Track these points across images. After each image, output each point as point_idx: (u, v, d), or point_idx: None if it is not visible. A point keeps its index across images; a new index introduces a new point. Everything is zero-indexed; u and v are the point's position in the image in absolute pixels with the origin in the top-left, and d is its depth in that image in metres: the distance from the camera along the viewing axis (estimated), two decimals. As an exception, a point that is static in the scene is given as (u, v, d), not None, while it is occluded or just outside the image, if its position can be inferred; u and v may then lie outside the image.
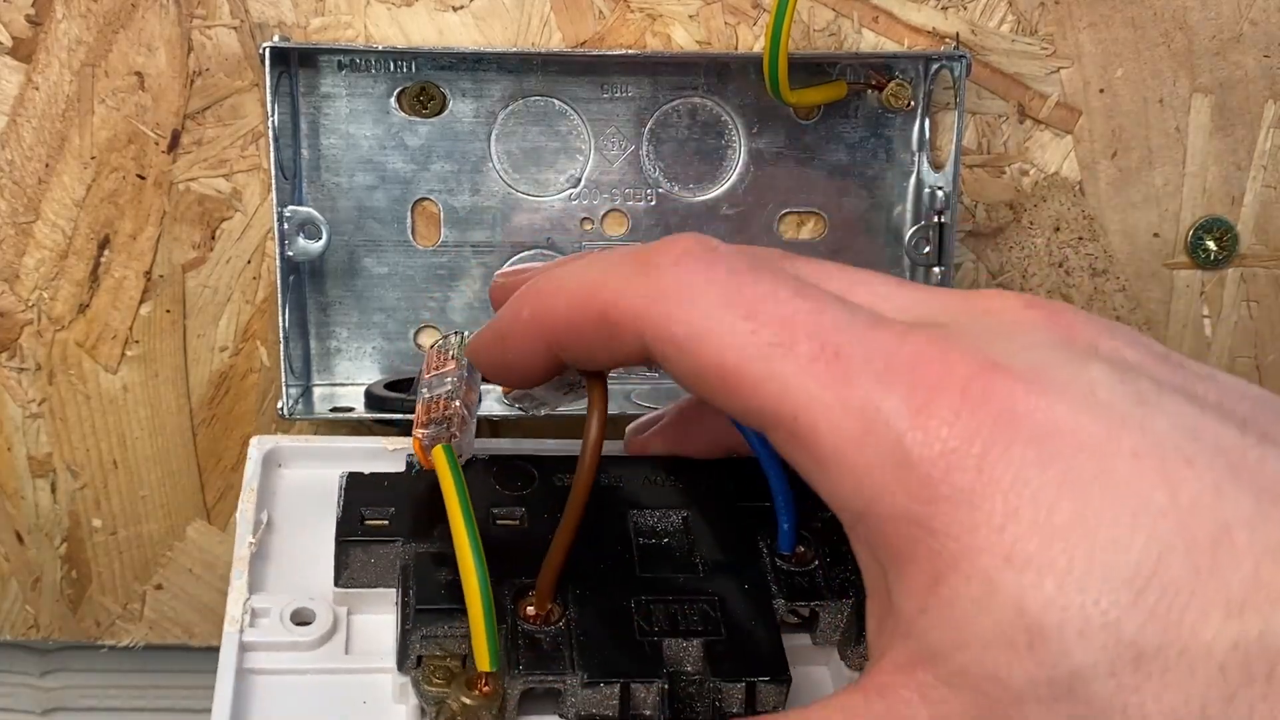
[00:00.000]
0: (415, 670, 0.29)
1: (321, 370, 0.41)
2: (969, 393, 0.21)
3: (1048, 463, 0.20)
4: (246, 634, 0.30)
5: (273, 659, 0.30)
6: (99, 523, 0.43)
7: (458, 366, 0.32)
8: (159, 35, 0.38)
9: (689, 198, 0.41)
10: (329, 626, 0.30)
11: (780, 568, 0.31)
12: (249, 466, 0.34)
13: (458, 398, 0.31)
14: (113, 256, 0.40)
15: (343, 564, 0.31)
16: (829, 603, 0.31)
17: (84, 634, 0.44)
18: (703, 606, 0.30)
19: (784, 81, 0.37)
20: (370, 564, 0.31)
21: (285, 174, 0.39)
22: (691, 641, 0.29)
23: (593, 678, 0.28)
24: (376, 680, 0.30)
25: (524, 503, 0.32)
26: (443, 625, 0.28)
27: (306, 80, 0.39)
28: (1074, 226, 0.43)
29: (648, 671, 0.28)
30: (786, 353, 0.23)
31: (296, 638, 0.30)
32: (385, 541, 0.31)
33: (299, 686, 0.29)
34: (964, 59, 0.39)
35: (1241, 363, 0.44)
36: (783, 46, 0.36)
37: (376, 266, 0.41)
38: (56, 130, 0.39)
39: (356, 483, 0.32)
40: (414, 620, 0.28)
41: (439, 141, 0.40)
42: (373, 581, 0.31)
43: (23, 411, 0.41)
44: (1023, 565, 0.20)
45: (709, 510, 0.33)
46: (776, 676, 0.29)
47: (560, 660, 0.28)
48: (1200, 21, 0.41)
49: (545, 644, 0.28)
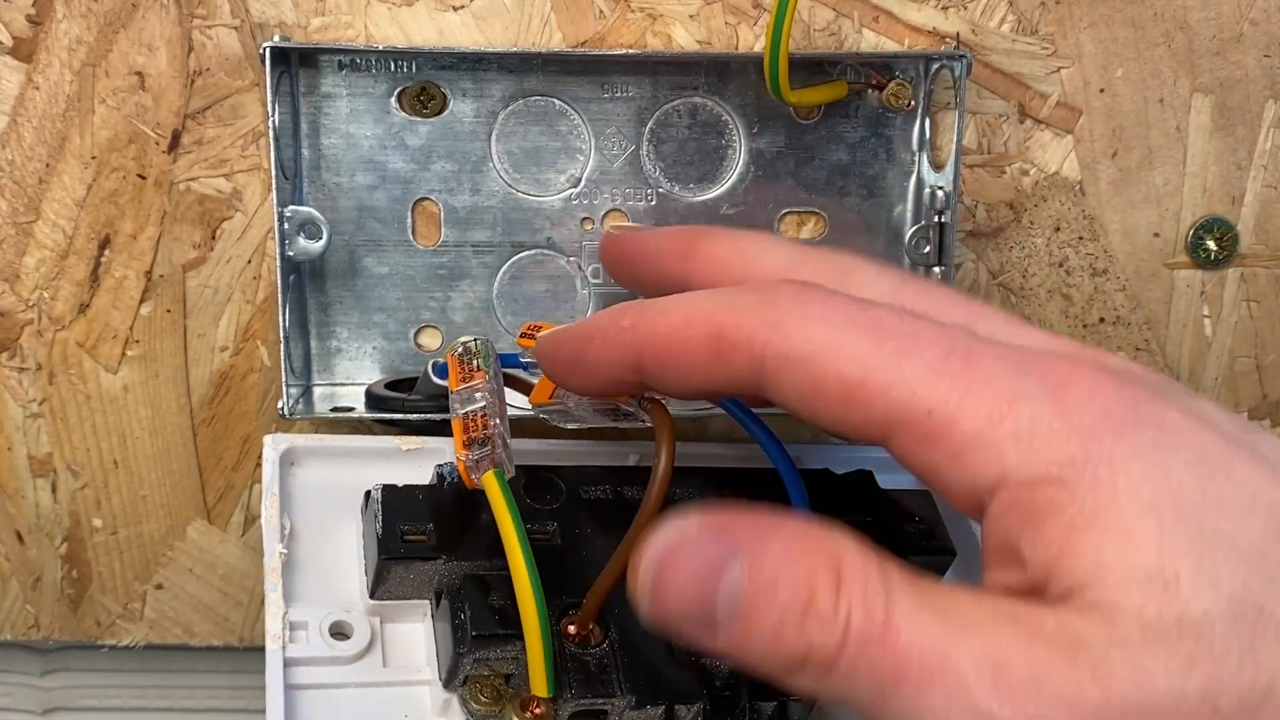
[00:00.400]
0: (462, 688, 0.29)
1: (322, 370, 0.41)
2: (1099, 388, 0.23)
3: (1177, 449, 0.23)
4: (289, 650, 0.30)
5: (314, 674, 0.30)
6: (99, 522, 0.43)
7: (486, 378, 0.32)
8: (159, 35, 0.38)
9: (689, 197, 0.41)
10: (367, 640, 0.30)
11: None
12: (267, 469, 0.33)
13: (493, 414, 0.31)
14: (113, 256, 0.40)
15: (381, 579, 0.31)
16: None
17: (84, 634, 0.44)
18: None
19: (784, 81, 0.37)
20: (408, 579, 0.31)
21: (285, 174, 0.39)
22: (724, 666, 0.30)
23: (642, 699, 0.28)
24: (416, 693, 0.30)
25: (555, 517, 0.32)
26: (496, 649, 0.29)
27: (307, 80, 0.39)
28: (1074, 226, 0.43)
29: (690, 693, 0.29)
30: (915, 356, 0.24)
31: (337, 652, 0.30)
32: (427, 559, 0.31)
33: (342, 700, 0.30)
34: (964, 59, 0.39)
35: (1241, 362, 0.44)
36: (783, 46, 0.36)
37: (377, 266, 0.41)
38: (57, 130, 0.39)
39: (392, 497, 0.32)
40: (470, 645, 0.29)
41: (439, 141, 0.40)
42: (408, 594, 0.31)
43: (23, 411, 0.41)
44: (1160, 521, 0.22)
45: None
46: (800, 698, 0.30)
47: (608, 683, 0.29)
48: (1200, 21, 0.41)
49: (593, 666, 0.29)
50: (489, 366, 0.32)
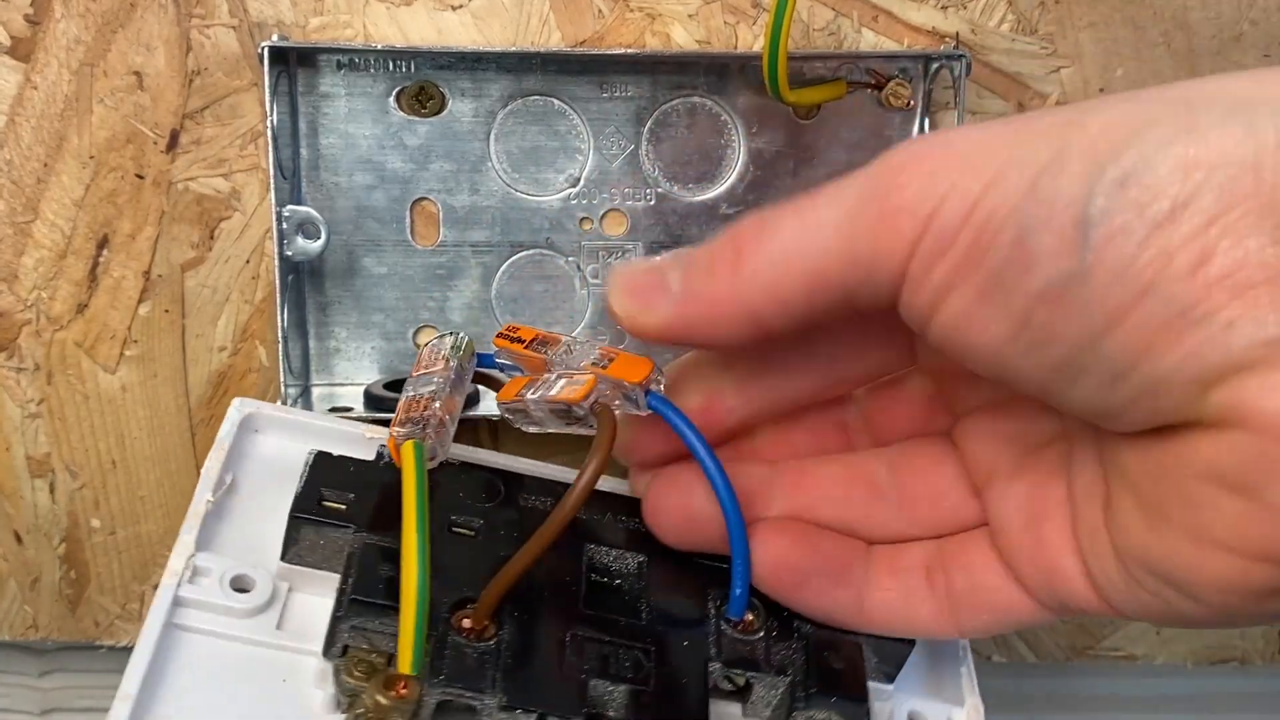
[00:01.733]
0: (339, 659, 0.28)
1: (320, 370, 0.41)
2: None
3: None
4: (184, 589, 0.30)
5: (205, 619, 0.30)
6: (98, 523, 0.43)
7: (446, 368, 0.32)
8: (158, 35, 0.38)
9: (688, 197, 0.41)
10: (267, 598, 0.30)
11: (725, 631, 0.31)
12: (224, 425, 0.34)
13: (439, 400, 0.31)
14: (111, 256, 0.40)
15: (292, 539, 0.31)
16: (766, 676, 0.31)
17: (83, 634, 0.44)
18: (637, 654, 0.30)
19: (784, 81, 0.37)
20: (320, 545, 0.31)
21: (284, 173, 0.39)
22: (619, 686, 0.29)
23: (511, 702, 0.28)
24: (302, 661, 0.30)
25: (484, 515, 0.32)
26: (375, 620, 0.28)
27: (305, 80, 0.39)
28: (1074, 226, 0.42)
29: (567, 708, 0.28)
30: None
31: (233, 603, 0.30)
32: (338, 526, 0.31)
33: (224, 652, 0.29)
34: (964, 58, 0.39)
35: (1242, 363, 0.44)
36: (782, 46, 0.36)
37: (375, 266, 0.41)
38: (55, 130, 0.39)
39: (322, 462, 0.32)
40: (347, 608, 0.28)
41: (438, 141, 0.40)
42: (319, 563, 0.31)
43: (21, 411, 0.41)
44: None
45: (667, 559, 0.32)
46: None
47: (483, 679, 0.28)
48: (1200, 21, 0.41)
49: (471, 660, 0.28)
50: (455, 360, 0.32)
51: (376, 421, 0.39)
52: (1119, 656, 0.48)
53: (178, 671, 0.28)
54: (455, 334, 0.33)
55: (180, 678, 0.28)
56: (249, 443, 0.34)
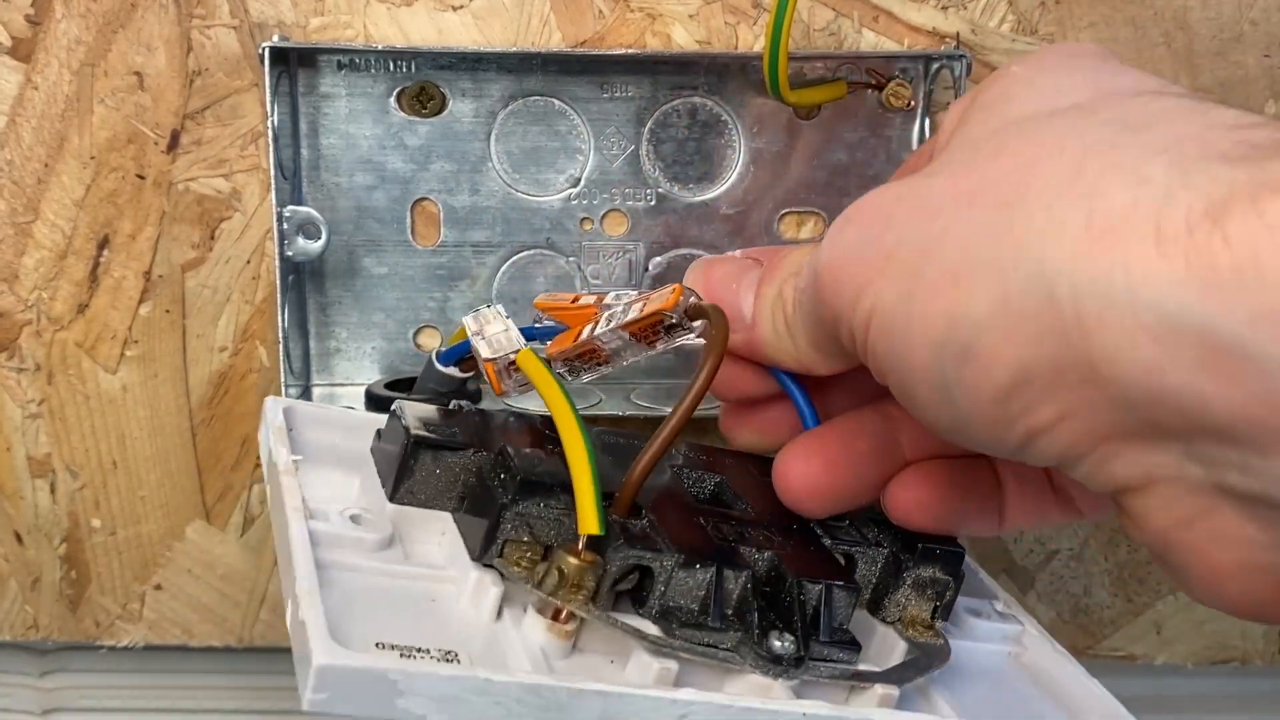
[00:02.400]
0: (499, 558, 0.28)
1: (321, 370, 0.41)
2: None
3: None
4: (311, 523, 0.28)
5: (338, 554, 0.28)
6: (98, 523, 0.43)
7: (502, 324, 0.32)
8: (158, 35, 0.38)
9: (689, 197, 0.41)
10: (388, 532, 0.29)
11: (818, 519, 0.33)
12: (268, 417, 0.33)
13: (512, 331, 0.32)
14: (112, 256, 0.40)
15: (407, 471, 0.30)
16: (866, 550, 0.32)
17: (83, 634, 0.44)
18: (764, 531, 0.31)
19: (784, 81, 0.37)
20: (435, 476, 0.31)
21: (285, 174, 0.39)
22: (763, 553, 0.30)
23: (689, 560, 0.28)
24: (442, 588, 0.29)
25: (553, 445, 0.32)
26: (539, 503, 0.28)
27: (306, 80, 0.39)
28: (1074, 226, 0.42)
29: (736, 562, 0.29)
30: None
31: (360, 534, 0.29)
32: (458, 449, 0.31)
33: (367, 583, 0.28)
34: (964, 59, 0.39)
35: (1242, 363, 0.44)
36: (783, 47, 0.36)
37: (376, 266, 0.41)
38: (56, 130, 0.39)
39: (415, 405, 0.32)
40: (516, 492, 0.28)
41: (439, 141, 0.40)
42: (428, 500, 0.31)
43: (22, 412, 0.41)
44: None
45: (741, 474, 0.34)
46: (848, 584, 0.30)
47: (655, 541, 0.28)
48: (1201, 21, 0.41)
49: (636, 531, 0.29)
50: (504, 319, 0.33)
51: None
52: (1119, 656, 0.48)
53: (334, 603, 0.27)
54: (489, 304, 0.34)
55: (338, 608, 0.27)
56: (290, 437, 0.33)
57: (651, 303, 0.30)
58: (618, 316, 0.31)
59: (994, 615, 0.35)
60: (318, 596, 0.25)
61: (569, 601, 0.27)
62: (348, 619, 0.26)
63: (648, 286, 0.42)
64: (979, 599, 0.36)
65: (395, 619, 0.28)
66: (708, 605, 0.28)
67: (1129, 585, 0.47)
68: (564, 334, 0.32)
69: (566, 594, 0.27)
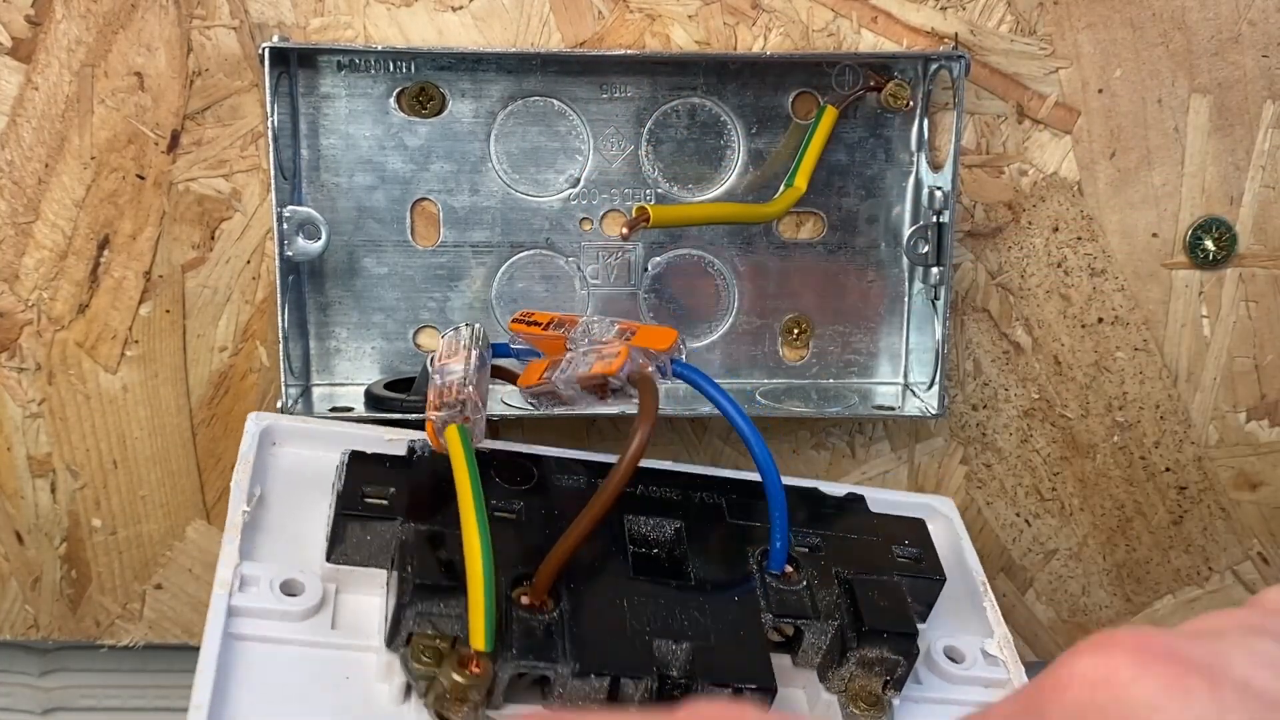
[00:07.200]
0: (404, 648, 0.29)
1: (321, 370, 0.41)
2: None
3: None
4: (235, 598, 0.30)
5: (259, 626, 0.30)
6: (99, 523, 0.43)
7: (469, 356, 0.32)
8: (158, 35, 0.38)
9: (688, 198, 0.41)
10: (318, 600, 0.30)
11: (769, 584, 0.32)
12: (245, 440, 0.34)
13: (470, 384, 0.31)
14: (112, 256, 0.40)
15: (339, 538, 0.31)
16: (815, 622, 0.31)
17: (83, 634, 0.44)
18: (693, 613, 0.30)
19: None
20: (366, 541, 0.31)
21: (285, 174, 0.39)
22: (681, 645, 0.29)
23: (585, 668, 0.28)
24: (361, 658, 0.30)
25: (522, 498, 0.32)
26: (438, 603, 0.29)
27: (306, 80, 0.39)
28: (1072, 226, 0.43)
29: (639, 668, 0.28)
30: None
31: (286, 607, 0.30)
32: (384, 519, 0.31)
33: (284, 656, 0.29)
34: (963, 59, 0.39)
35: (1240, 362, 0.44)
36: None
37: (376, 266, 0.41)
38: (56, 130, 0.39)
39: (359, 460, 0.32)
40: (411, 595, 0.28)
41: (438, 142, 0.40)
42: (365, 560, 0.31)
43: (22, 411, 0.41)
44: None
45: (702, 523, 0.33)
46: (763, 685, 0.29)
47: (553, 648, 0.28)
48: (1199, 22, 0.41)
49: (539, 631, 0.28)
50: (476, 348, 0.33)
51: (379, 423, 0.39)
52: (1118, 655, 0.48)
53: (242, 679, 0.28)
54: (470, 325, 0.34)
55: (245, 685, 0.28)
56: (268, 455, 0.35)
57: (599, 364, 0.31)
58: (576, 362, 0.31)
59: (978, 661, 0.34)
60: (210, 685, 0.27)
61: (454, 713, 0.27)
62: (249, 698, 0.28)
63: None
64: (973, 635, 0.35)
65: (300, 698, 0.28)
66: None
67: (1127, 585, 0.47)
68: (532, 367, 0.33)
69: (451, 706, 0.27)
